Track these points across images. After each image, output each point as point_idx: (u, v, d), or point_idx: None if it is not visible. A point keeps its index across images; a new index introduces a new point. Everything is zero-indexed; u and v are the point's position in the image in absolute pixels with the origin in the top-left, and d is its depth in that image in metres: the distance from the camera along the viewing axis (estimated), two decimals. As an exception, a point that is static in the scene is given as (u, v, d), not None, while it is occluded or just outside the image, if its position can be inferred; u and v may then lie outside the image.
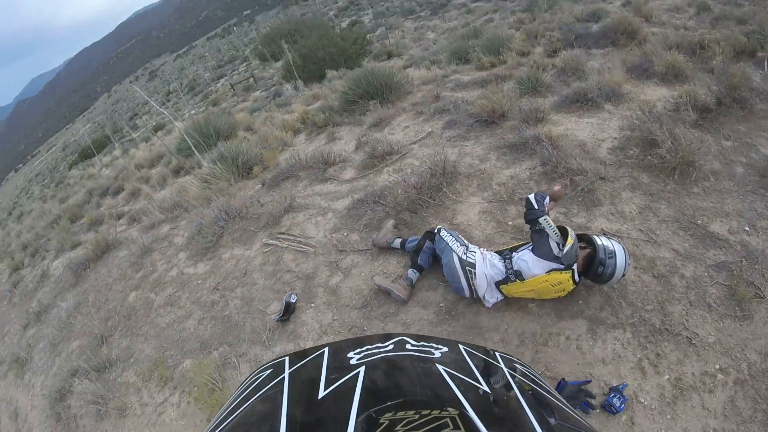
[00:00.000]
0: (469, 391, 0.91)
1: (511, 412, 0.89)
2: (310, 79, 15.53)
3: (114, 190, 11.80)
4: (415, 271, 3.36)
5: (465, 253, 3.09)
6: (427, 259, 3.36)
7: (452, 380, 0.95)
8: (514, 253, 3.01)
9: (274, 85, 20.47)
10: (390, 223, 3.90)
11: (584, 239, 2.96)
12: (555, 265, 2.78)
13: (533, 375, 1.19)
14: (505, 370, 1.12)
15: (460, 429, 0.71)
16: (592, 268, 2.81)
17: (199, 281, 4.53)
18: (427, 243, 3.35)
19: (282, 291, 3.89)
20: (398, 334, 1.29)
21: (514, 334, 2.95)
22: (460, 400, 0.85)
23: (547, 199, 2.93)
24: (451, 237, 3.22)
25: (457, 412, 0.78)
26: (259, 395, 1.03)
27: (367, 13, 35.35)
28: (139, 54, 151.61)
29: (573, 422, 0.91)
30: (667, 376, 2.63)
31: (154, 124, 26.50)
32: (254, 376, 1.24)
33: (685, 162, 3.84)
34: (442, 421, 0.72)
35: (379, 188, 4.47)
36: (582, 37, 8.40)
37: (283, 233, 4.50)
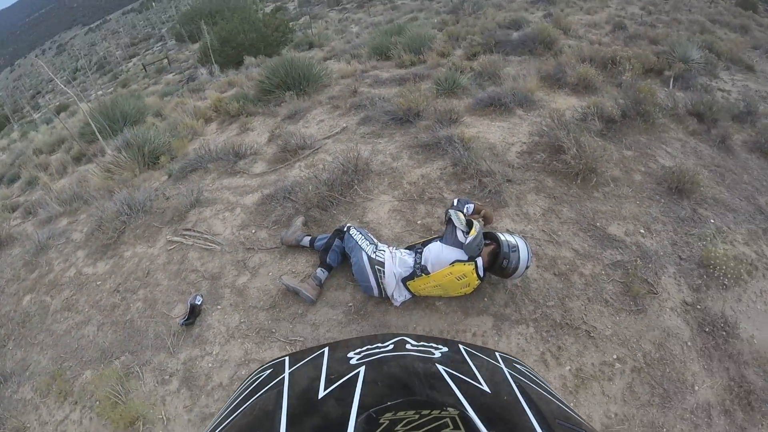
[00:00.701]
0: (469, 391, 0.89)
1: (511, 412, 0.87)
2: (227, 65, 15.04)
3: (10, 177, 10.74)
4: (323, 270, 3.29)
5: (374, 252, 3.07)
6: (336, 258, 3.30)
7: (452, 380, 0.93)
8: (425, 247, 3.04)
9: (189, 68, 19.70)
10: (299, 220, 3.79)
11: (489, 236, 3.03)
12: (460, 255, 2.85)
13: (533, 375, 1.18)
14: (505, 370, 1.11)
15: (460, 429, 0.69)
16: (497, 262, 2.88)
17: (98, 282, 4.16)
18: (337, 241, 3.29)
19: (187, 292, 3.66)
20: (398, 334, 1.27)
21: (422, 332, 2.96)
22: (460, 400, 0.83)
23: (471, 206, 3.08)
24: (360, 235, 3.18)
25: (457, 412, 0.76)
26: (259, 395, 1.00)
27: (293, 1, 34.83)
28: (50, 25, 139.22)
29: (573, 422, 0.90)
30: (569, 367, 2.77)
31: (57, 104, 24.62)
32: (254, 376, 1.21)
33: (588, 168, 4.05)
34: (442, 421, 0.71)
35: (290, 184, 4.34)
36: (502, 43, 8.66)
37: (189, 230, 4.25)
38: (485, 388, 0.93)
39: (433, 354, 1.10)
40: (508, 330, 2.94)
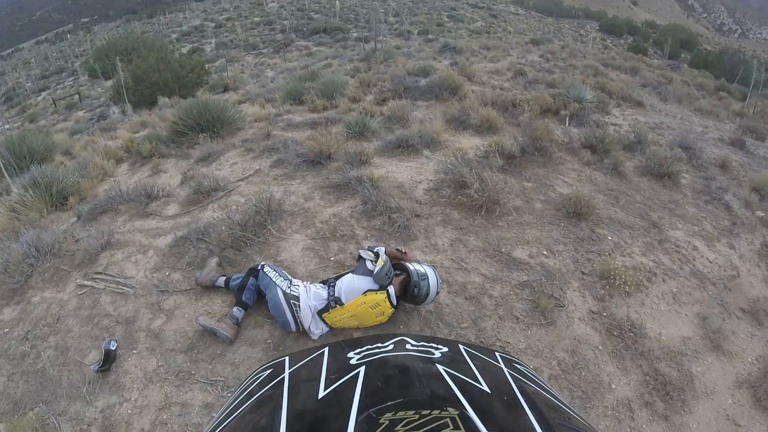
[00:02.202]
0: (469, 391, 0.91)
1: (511, 412, 0.89)
2: (140, 104, 14.58)
3: None
4: (240, 308, 3.28)
5: (289, 287, 3.14)
6: (252, 296, 3.31)
7: (452, 380, 0.95)
8: (337, 280, 3.16)
9: (100, 106, 18.86)
10: (213, 261, 3.77)
11: (399, 267, 3.21)
12: (371, 284, 3.01)
13: (533, 375, 1.20)
14: (505, 370, 1.13)
15: (460, 429, 0.72)
16: (409, 290, 3.05)
17: (6, 330, 3.84)
18: (251, 280, 3.31)
19: (100, 338, 3.49)
20: (398, 334, 1.28)
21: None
22: (460, 400, 0.85)
23: (382, 249, 3.23)
24: (274, 272, 3.24)
25: (457, 412, 0.79)
26: (259, 395, 1.01)
27: (210, 42, 34.52)
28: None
29: (573, 422, 0.94)
30: None
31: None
32: (254, 375, 1.21)
33: (491, 200, 4.37)
34: (442, 421, 0.74)
35: (203, 225, 4.31)
36: (410, 89, 9.09)
37: (100, 273, 4.07)
38: (485, 388, 0.96)
39: (433, 354, 1.13)
40: (426, 354, 3.07)
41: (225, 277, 3.58)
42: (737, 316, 4.08)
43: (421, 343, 1.21)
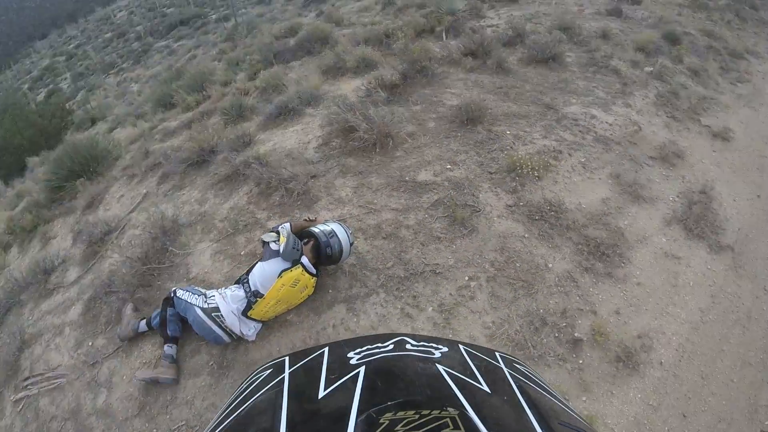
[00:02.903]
0: (469, 391, 0.90)
1: (511, 412, 0.89)
2: (10, 176, 13.22)
3: None
4: (170, 345, 3.12)
5: (205, 302, 3.01)
6: (176, 327, 3.15)
7: (452, 380, 0.94)
8: (248, 274, 3.05)
9: (-34, 196, 17.31)
10: (128, 308, 3.54)
11: (305, 234, 3.12)
12: (282, 264, 2.91)
13: (534, 375, 1.19)
14: (505, 370, 1.12)
15: (460, 429, 0.71)
16: (322, 253, 2.99)
17: None
18: (169, 310, 3.14)
19: None
20: (398, 334, 1.27)
21: (287, 350, 2.96)
22: (460, 400, 0.84)
23: (287, 225, 3.12)
24: (187, 293, 3.09)
25: (457, 412, 0.77)
26: (259, 395, 1.00)
27: (65, 78, 32.11)
28: None
29: (573, 422, 0.92)
30: (431, 308, 2.97)
31: None
32: (254, 376, 1.19)
33: (382, 135, 4.31)
34: (442, 421, 0.72)
35: (107, 276, 4.03)
36: (281, 53, 8.85)
37: (28, 378, 3.74)
38: (485, 388, 0.95)
39: (433, 354, 1.12)
40: (362, 306, 3.07)
41: (145, 320, 3.37)
42: (648, 164, 4.30)
43: (421, 343, 1.21)
